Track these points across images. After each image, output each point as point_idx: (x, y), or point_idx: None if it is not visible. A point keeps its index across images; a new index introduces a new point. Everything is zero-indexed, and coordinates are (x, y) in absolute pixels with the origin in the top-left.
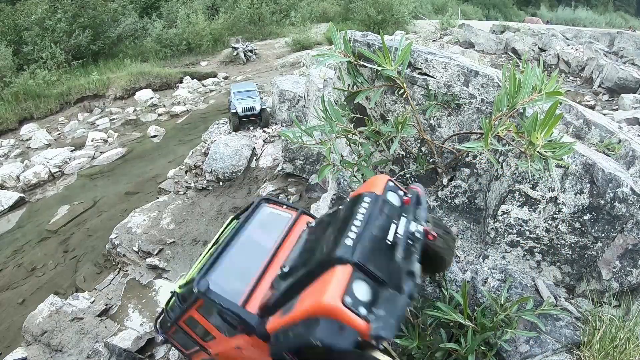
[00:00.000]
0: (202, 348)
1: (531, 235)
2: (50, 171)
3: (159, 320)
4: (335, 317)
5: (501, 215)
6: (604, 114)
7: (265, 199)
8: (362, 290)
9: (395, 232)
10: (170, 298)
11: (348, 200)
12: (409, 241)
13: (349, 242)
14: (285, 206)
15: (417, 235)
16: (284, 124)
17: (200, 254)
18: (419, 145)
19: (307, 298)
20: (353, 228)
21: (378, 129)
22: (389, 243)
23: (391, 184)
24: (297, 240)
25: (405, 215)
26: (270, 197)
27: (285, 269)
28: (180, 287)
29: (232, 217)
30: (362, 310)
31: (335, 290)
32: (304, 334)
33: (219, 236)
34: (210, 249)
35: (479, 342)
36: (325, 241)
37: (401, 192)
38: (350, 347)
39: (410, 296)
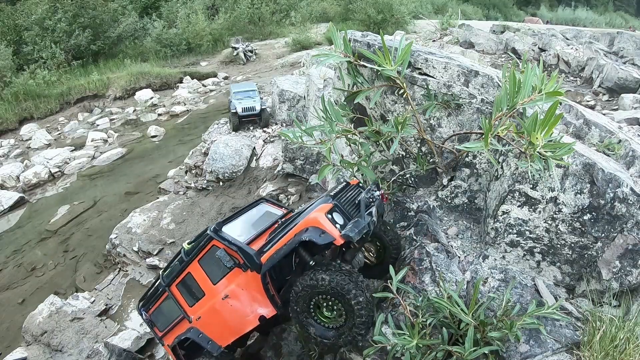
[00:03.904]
0: (185, 315)
1: (531, 235)
2: (50, 171)
3: (141, 302)
4: (319, 225)
5: (501, 215)
6: (604, 114)
7: (264, 199)
8: (338, 218)
9: (360, 197)
10: (166, 268)
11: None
12: (370, 198)
13: (333, 193)
14: (280, 207)
15: (376, 196)
16: (284, 124)
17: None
18: (419, 145)
19: (301, 221)
20: (334, 192)
21: (378, 129)
22: (355, 203)
23: (362, 183)
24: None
25: (366, 190)
26: (269, 199)
27: (280, 223)
28: (188, 243)
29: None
30: (337, 226)
31: (320, 211)
32: (295, 240)
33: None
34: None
35: (481, 344)
36: (310, 202)
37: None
38: (326, 243)
39: (368, 223)
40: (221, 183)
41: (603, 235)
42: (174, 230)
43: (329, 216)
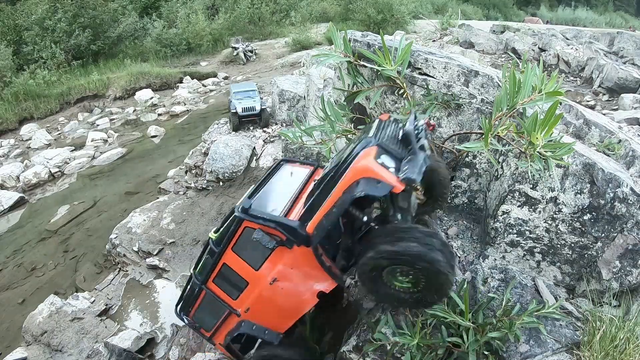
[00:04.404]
0: (231, 309)
1: (531, 235)
2: (50, 171)
3: (178, 306)
4: (372, 174)
5: (501, 215)
6: (604, 114)
7: (284, 159)
8: (388, 160)
9: (404, 130)
10: (196, 265)
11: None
12: (416, 131)
13: (370, 135)
14: (304, 164)
15: (421, 125)
16: (284, 124)
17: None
18: None
19: (345, 175)
20: (373, 130)
21: None
22: (399, 139)
23: (392, 117)
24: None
25: (408, 121)
26: (289, 158)
27: (316, 181)
28: (215, 231)
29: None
30: (391, 170)
31: (368, 158)
32: (346, 199)
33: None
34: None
35: (480, 343)
36: (348, 151)
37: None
38: (386, 194)
39: (424, 159)
40: (221, 183)
41: (603, 235)
42: (174, 230)
43: (379, 161)
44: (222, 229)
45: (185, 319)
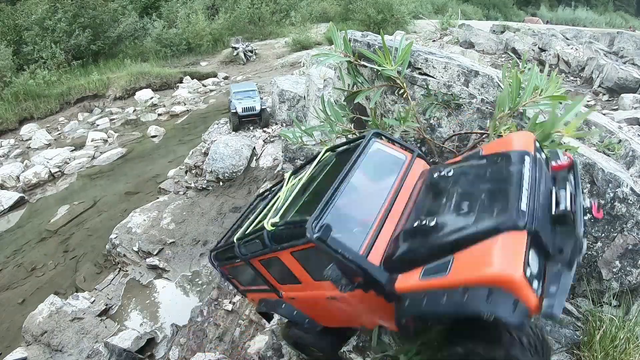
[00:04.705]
0: (273, 289)
1: None
2: (50, 171)
3: (214, 253)
4: (514, 291)
5: None
6: (604, 114)
7: (376, 132)
8: (534, 263)
9: (565, 203)
10: (241, 234)
11: (489, 155)
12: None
13: (523, 207)
14: (395, 144)
15: (586, 210)
16: (284, 124)
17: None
18: (419, 145)
19: (474, 263)
20: (524, 192)
21: (379, 122)
22: (554, 214)
23: (537, 144)
24: (423, 189)
25: (568, 182)
26: (380, 131)
27: (427, 222)
28: (273, 225)
29: (326, 148)
30: (535, 285)
31: (518, 262)
32: (466, 304)
33: (313, 172)
34: (303, 185)
35: None
36: (483, 199)
37: (545, 155)
38: (520, 324)
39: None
40: (221, 183)
41: (603, 235)
42: (174, 230)
43: (528, 271)
44: (282, 226)
45: (218, 269)
